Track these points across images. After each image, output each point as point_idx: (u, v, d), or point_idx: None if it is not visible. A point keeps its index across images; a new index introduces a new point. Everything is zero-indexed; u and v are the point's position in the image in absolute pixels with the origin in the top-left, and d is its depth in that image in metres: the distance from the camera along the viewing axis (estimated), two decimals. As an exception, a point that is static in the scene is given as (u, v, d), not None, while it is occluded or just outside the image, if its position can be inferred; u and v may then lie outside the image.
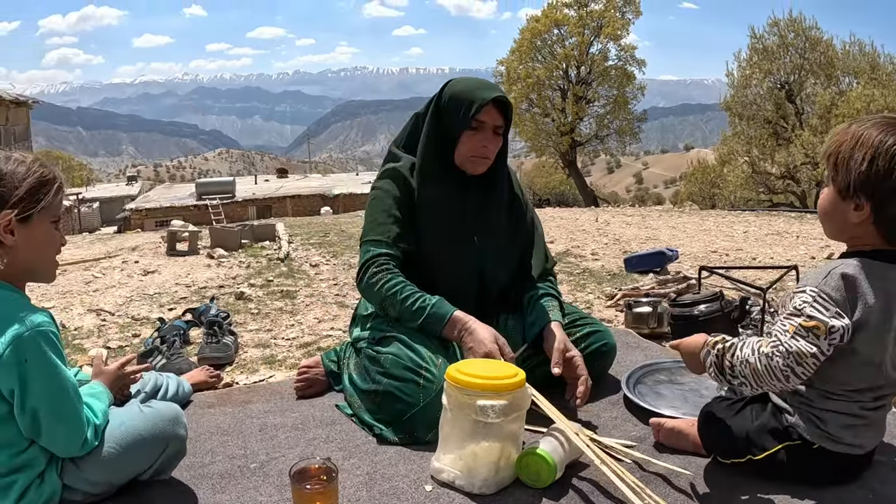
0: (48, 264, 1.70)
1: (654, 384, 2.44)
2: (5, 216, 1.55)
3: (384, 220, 2.28)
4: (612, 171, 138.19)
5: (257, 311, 4.26)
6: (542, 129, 27.99)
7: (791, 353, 1.47)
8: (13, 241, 1.57)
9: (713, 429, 1.78)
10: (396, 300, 2.16)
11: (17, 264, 1.60)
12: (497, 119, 2.28)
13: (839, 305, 1.49)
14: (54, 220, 1.67)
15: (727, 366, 1.58)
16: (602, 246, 6.89)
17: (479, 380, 1.72)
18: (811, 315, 1.47)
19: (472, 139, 2.27)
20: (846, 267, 1.52)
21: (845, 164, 1.52)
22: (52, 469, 1.61)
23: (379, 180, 2.39)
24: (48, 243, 1.66)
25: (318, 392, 2.49)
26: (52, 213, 1.66)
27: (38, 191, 1.60)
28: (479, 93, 2.25)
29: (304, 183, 40.90)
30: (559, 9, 27.60)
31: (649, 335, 3.28)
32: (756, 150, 22.26)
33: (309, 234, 8.91)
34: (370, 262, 2.23)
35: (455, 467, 1.76)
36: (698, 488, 1.73)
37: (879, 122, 1.52)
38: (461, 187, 2.35)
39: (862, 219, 1.52)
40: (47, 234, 1.65)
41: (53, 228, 1.67)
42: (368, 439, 2.08)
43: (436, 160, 2.33)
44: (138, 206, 32.40)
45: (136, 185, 48.20)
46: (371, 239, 2.28)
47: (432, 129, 2.34)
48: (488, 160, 2.32)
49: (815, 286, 1.51)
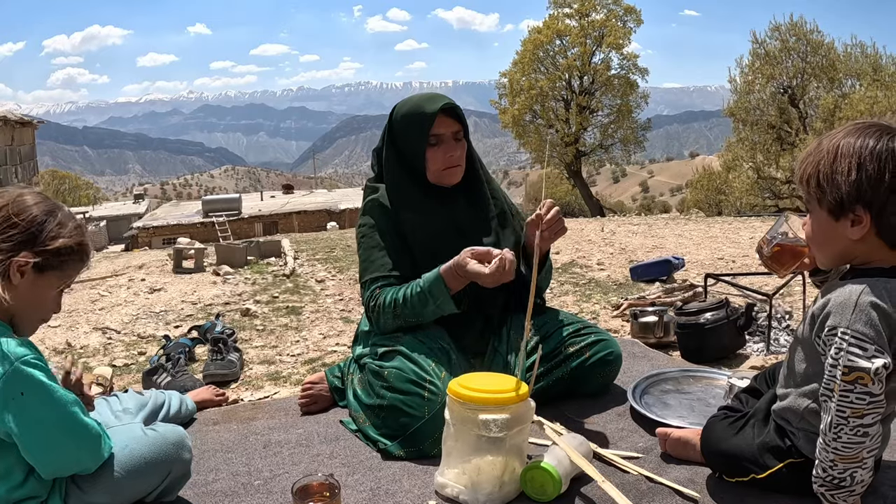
0: (31, 322, 1.66)
1: (660, 394, 2.42)
2: (26, 257, 1.55)
3: (375, 256, 2.31)
4: (618, 181, 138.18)
5: (263, 327, 4.26)
6: (546, 140, 27.98)
7: (848, 418, 1.38)
8: (18, 283, 1.56)
9: (715, 449, 1.75)
10: (406, 306, 2.18)
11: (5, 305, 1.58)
12: (452, 126, 2.30)
13: (876, 342, 1.38)
14: (61, 289, 1.67)
15: (835, 482, 1.43)
16: (608, 256, 6.86)
17: (481, 394, 1.71)
18: (850, 366, 1.38)
19: (437, 153, 2.29)
20: (869, 294, 1.41)
21: (830, 181, 1.42)
22: (56, 497, 1.60)
23: (362, 217, 2.41)
24: (43, 304, 1.64)
25: (322, 408, 2.48)
26: (64, 281, 1.65)
27: (66, 254, 1.61)
28: (425, 107, 2.28)
29: (310, 198, 40.99)
30: (561, 19, 27.64)
31: (656, 344, 3.26)
32: (761, 156, 22.20)
33: (315, 250, 8.91)
34: (369, 298, 2.27)
35: (459, 482, 1.75)
36: (706, 500, 1.71)
37: (852, 130, 1.45)
38: (443, 203, 2.36)
39: (863, 232, 1.43)
40: (47, 295, 1.63)
41: (57, 295, 1.66)
42: (372, 455, 2.07)
43: (410, 185, 2.35)
44: (145, 225, 32.52)
45: (142, 203, 48.36)
46: (368, 279, 2.30)
47: (392, 156, 2.37)
48: (460, 167, 2.35)
49: (847, 326, 1.40)
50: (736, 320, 3.05)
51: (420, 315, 2.20)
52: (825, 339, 1.45)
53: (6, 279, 1.54)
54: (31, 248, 1.56)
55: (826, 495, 1.46)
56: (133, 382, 3.13)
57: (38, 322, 1.68)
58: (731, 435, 1.72)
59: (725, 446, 1.71)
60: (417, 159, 2.32)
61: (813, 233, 1.54)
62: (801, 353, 1.58)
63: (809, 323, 1.53)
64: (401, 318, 2.21)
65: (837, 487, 1.43)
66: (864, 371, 1.36)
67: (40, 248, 1.56)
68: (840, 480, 1.42)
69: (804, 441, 1.57)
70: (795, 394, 1.59)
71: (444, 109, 2.26)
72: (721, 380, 2.48)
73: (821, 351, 1.48)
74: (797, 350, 1.60)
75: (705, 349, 3.01)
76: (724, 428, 1.75)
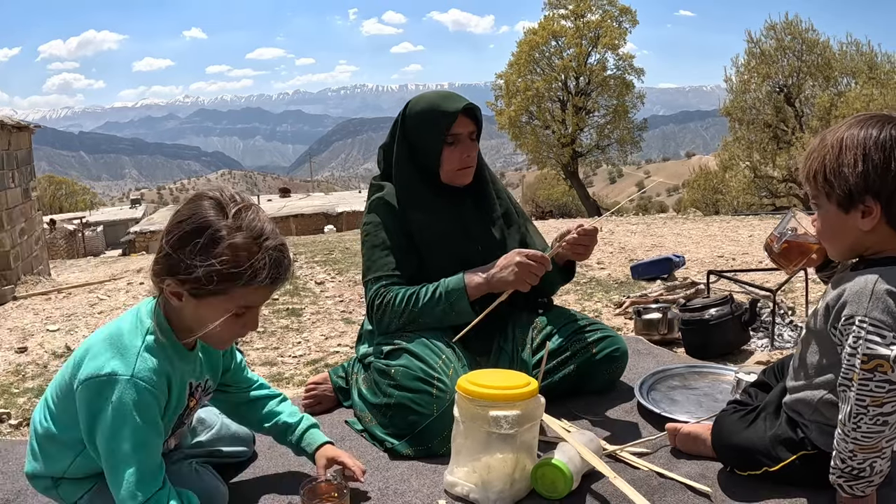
0: (216, 341, 1.58)
1: (667, 390, 2.41)
2: (170, 286, 1.48)
3: (379, 255, 2.28)
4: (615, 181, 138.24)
5: (263, 329, 4.23)
6: (542, 141, 28.00)
7: (867, 406, 1.37)
8: (178, 305, 1.50)
9: (726, 443, 1.74)
10: (416, 306, 2.16)
11: (183, 322, 1.54)
12: (470, 126, 2.29)
13: (894, 329, 1.37)
14: (239, 314, 1.52)
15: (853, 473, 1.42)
16: (608, 255, 6.85)
17: (490, 390, 1.69)
18: (869, 353, 1.37)
19: (454, 153, 2.28)
20: (884, 282, 1.41)
21: (838, 174, 1.43)
22: None
23: (367, 215, 2.38)
24: (209, 324, 1.51)
25: (326, 409, 2.46)
26: (236, 304, 1.50)
27: (221, 279, 1.44)
28: (446, 106, 2.26)
29: (307, 202, 40.92)
30: (556, 21, 27.66)
31: (660, 341, 3.24)
32: (757, 155, 22.23)
33: (313, 252, 8.88)
34: (374, 297, 2.24)
35: (469, 480, 1.73)
36: (718, 495, 1.69)
37: (854, 123, 1.46)
38: (453, 202, 2.35)
39: (874, 223, 1.43)
40: (213, 316, 1.50)
41: (232, 319, 1.51)
42: (379, 455, 2.05)
43: (420, 184, 2.33)
44: (142, 229, 32.40)
45: (139, 207, 48.29)
46: (371, 277, 2.27)
47: (404, 153, 2.34)
48: (473, 167, 2.34)
49: (864, 315, 1.40)
50: (740, 316, 3.04)
51: (430, 316, 2.17)
52: (842, 328, 1.44)
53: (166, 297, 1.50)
54: (179, 271, 1.45)
55: (844, 486, 1.45)
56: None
57: (224, 341, 1.60)
58: (742, 428, 1.70)
59: (737, 440, 1.70)
60: (431, 158, 2.30)
61: (823, 228, 1.54)
62: (815, 346, 1.57)
63: (824, 314, 1.52)
64: (406, 318, 2.19)
65: (857, 478, 1.42)
66: (883, 358, 1.35)
67: (186, 270, 1.44)
68: (860, 471, 1.41)
69: (817, 433, 1.56)
70: (809, 385, 1.58)
71: (464, 109, 2.25)
72: (727, 375, 2.47)
73: (837, 341, 1.47)
74: (810, 342, 1.59)
75: (710, 345, 2.99)
76: (734, 421, 1.74)
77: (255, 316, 1.56)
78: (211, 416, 2.00)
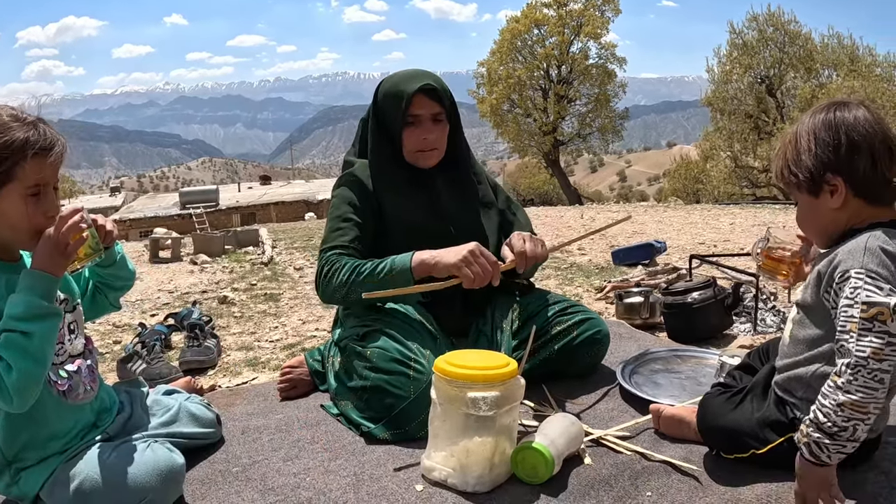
0: (21, 237, 1.52)
1: (650, 374, 2.36)
2: None
3: (339, 226, 2.21)
4: (596, 170, 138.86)
5: (241, 314, 4.16)
6: (524, 129, 27.96)
7: (868, 358, 1.31)
8: None
9: (712, 425, 1.69)
10: (360, 278, 2.06)
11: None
12: (432, 107, 2.22)
13: (890, 281, 1.36)
14: (33, 193, 1.48)
15: (833, 430, 1.35)
16: (588, 241, 6.82)
17: (469, 370, 1.63)
18: (868, 301, 1.33)
19: (413, 134, 2.22)
20: (875, 239, 1.41)
21: (798, 162, 1.51)
22: None
23: (335, 189, 2.33)
24: (16, 218, 1.47)
25: (302, 393, 2.39)
26: (25, 185, 1.46)
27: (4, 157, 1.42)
28: (405, 86, 2.20)
29: (288, 189, 40.71)
30: (538, 9, 27.59)
31: (642, 325, 3.21)
32: (738, 145, 22.35)
33: (293, 239, 8.81)
34: (324, 263, 2.15)
35: (447, 465, 1.67)
36: (703, 479, 1.65)
37: (807, 114, 1.54)
38: (422, 183, 2.29)
39: (842, 198, 1.47)
40: (14, 208, 1.46)
41: (31, 202, 1.47)
42: (355, 439, 1.99)
43: (389, 162, 2.28)
44: (122, 217, 32.09)
45: (119, 195, 47.83)
46: (326, 247, 2.19)
47: (376, 131, 2.30)
48: (436, 150, 2.27)
49: (861, 266, 1.38)
50: (723, 300, 3.01)
51: (371, 280, 2.06)
52: (836, 287, 1.42)
53: None
54: None
55: (812, 447, 1.37)
56: (108, 371, 3.03)
57: (29, 235, 1.51)
58: (728, 410, 1.66)
59: (723, 422, 1.65)
60: (394, 137, 2.25)
61: (802, 218, 1.60)
62: (807, 320, 1.54)
63: (815, 283, 1.50)
64: (353, 293, 2.07)
65: (833, 437, 1.35)
66: (883, 306, 1.32)
67: None
68: (840, 430, 1.34)
69: (808, 412, 1.52)
70: (802, 361, 1.54)
71: (423, 90, 2.18)
72: (710, 359, 2.43)
73: (831, 305, 1.44)
74: (801, 318, 1.56)
75: (693, 329, 2.96)
76: (721, 403, 1.69)
77: (51, 198, 1.52)
78: (169, 399, 1.95)
